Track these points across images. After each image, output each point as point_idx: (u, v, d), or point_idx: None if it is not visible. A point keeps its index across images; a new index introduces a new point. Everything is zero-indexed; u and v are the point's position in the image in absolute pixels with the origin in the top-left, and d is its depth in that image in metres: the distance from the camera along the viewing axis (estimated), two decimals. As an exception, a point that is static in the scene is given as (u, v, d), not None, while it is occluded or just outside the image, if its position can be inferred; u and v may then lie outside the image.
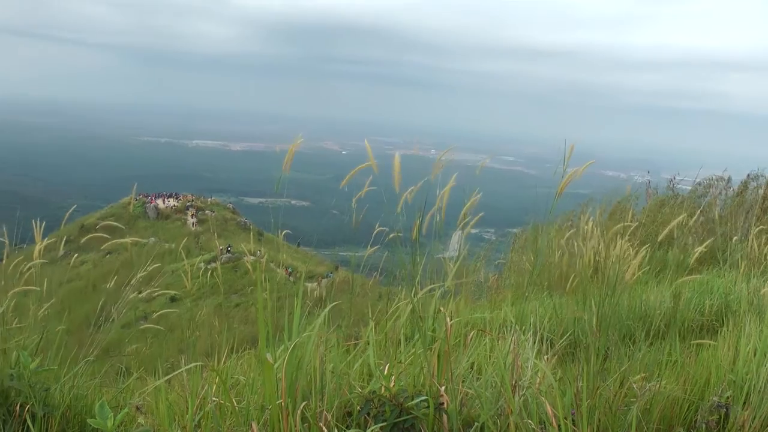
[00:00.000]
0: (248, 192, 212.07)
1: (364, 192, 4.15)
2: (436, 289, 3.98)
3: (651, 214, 11.93)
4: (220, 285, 7.03)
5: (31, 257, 4.75)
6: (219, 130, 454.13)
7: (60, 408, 3.83)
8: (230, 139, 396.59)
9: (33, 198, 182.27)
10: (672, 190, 13.63)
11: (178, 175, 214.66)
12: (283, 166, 3.72)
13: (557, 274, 9.25)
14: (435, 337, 3.65)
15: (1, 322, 4.25)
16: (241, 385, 4.00)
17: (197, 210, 69.22)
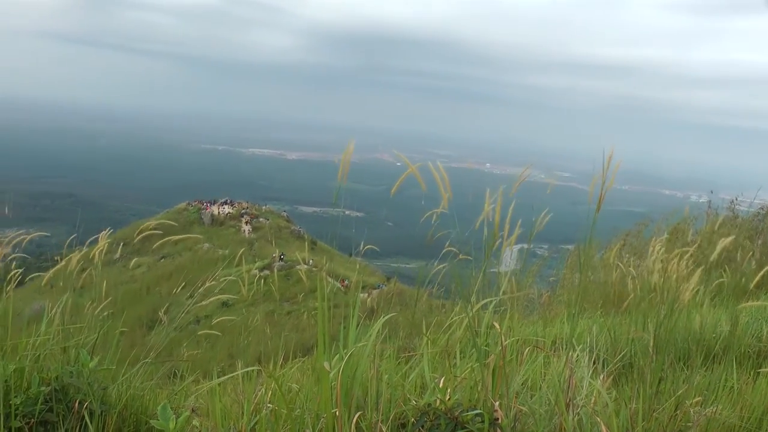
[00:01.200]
0: (303, 201, 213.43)
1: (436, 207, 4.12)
2: (491, 304, 3.94)
3: (708, 236, 11.72)
4: (275, 292, 7.06)
5: (89, 258, 4.81)
6: (276, 139, 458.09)
7: (117, 407, 3.86)
8: (286, 147, 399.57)
9: (91, 201, 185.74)
10: (732, 211, 13.32)
11: (234, 182, 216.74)
12: (339, 175, 3.70)
13: (611, 293, 9.14)
14: (490, 352, 3.62)
15: (61, 321, 4.31)
16: (293, 393, 3.99)
17: (252, 217, 69.63)
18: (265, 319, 28.57)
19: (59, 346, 4.11)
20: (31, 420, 3.64)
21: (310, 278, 8.76)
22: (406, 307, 5.93)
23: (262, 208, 77.32)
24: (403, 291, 10.95)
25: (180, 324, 5.50)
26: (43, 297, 5.50)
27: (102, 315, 4.77)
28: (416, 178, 3.81)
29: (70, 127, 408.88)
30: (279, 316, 30.08)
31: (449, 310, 6.67)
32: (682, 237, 11.22)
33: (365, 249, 5.08)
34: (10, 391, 3.65)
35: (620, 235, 12.27)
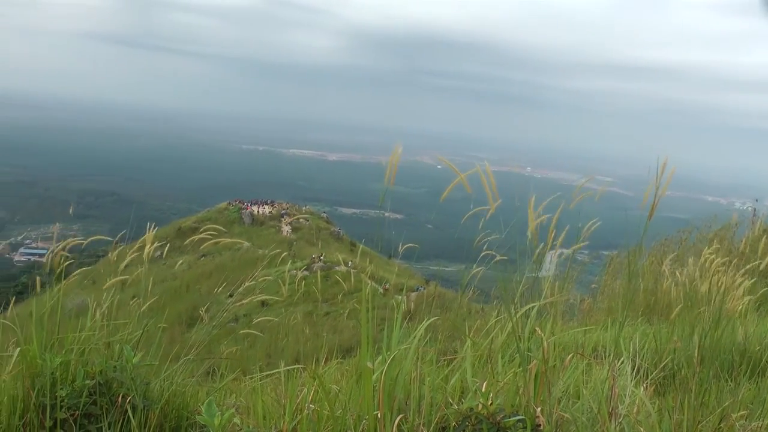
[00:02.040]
0: (343, 202, 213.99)
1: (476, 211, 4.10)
2: (533, 309, 3.92)
3: (753, 244, 11.53)
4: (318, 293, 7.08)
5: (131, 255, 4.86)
6: (316, 140, 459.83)
7: (159, 402, 3.91)
8: (327, 149, 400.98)
9: (133, 200, 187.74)
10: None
11: (275, 182, 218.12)
12: (386, 178, 3.69)
13: (653, 301, 9.04)
14: (532, 357, 3.59)
15: (106, 317, 4.36)
16: (333, 393, 4.00)
17: (292, 218, 69.88)
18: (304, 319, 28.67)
19: (104, 341, 4.17)
20: (75, 412, 3.70)
21: (349, 280, 8.77)
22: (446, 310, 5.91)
23: (303, 209, 77.63)
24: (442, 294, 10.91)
25: (219, 322, 5.54)
26: (85, 292, 5.57)
27: (145, 312, 4.82)
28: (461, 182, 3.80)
29: (113, 127, 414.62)
30: (317, 317, 30.18)
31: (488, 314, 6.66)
32: (727, 245, 11.07)
33: (405, 251, 5.07)
34: (56, 383, 3.71)
35: (662, 242, 12.13)
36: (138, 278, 4.78)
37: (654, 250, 11.25)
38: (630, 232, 4.29)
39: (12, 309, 5.21)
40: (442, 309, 5.48)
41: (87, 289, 5.99)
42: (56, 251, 4.60)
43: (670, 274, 8.92)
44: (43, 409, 3.67)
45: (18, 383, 3.78)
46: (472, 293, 5.74)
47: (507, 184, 3.56)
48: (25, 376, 3.77)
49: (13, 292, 54.56)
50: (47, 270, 4.61)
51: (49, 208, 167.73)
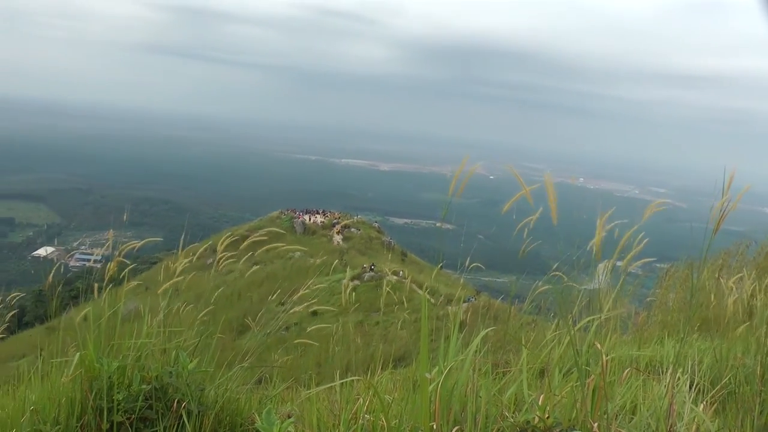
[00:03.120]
0: (394, 212, 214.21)
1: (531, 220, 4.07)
2: (592, 323, 3.87)
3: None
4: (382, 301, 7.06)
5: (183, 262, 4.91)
6: (368, 150, 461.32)
7: (214, 408, 3.94)
8: (379, 158, 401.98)
9: (187, 207, 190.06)
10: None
11: (327, 192, 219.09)
12: (450, 190, 3.67)
13: (710, 316, 8.88)
14: (590, 372, 3.55)
15: (163, 323, 4.41)
16: (387, 404, 3.98)
17: (343, 227, 69.98)
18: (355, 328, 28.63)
19: (159, 347, 4.22)
20: (131, 416, 3.76)
21: (399, 289, 8.76)
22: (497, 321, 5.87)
23: (354, 218, 77.61)
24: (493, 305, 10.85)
25: (270, 331, 5.56)
26: (138, 298, 5.65)
27: (198, 319, 4.86)
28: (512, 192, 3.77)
29: (168, 137, 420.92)
30: (368, 326, 30.16)
31: (541, 326, 6.59)
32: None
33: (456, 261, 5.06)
34: (113, 387, 3.77)
35: (720, 255, 11.92)
36: (191, 285, 4.82)
37: (711, 264, 11.07)
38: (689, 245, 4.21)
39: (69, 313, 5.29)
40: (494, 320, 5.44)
41: (140, 295, 6.07)
42: (114, 258, 4.67)
43: (728, 288, 8.76)
44: (101, 412, 3.74)
45: (76, 386, 3.85)
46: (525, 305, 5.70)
47: (559, 195, 3.52)
48: (84, 379, 3.83)
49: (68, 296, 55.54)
50: (102, 276, 4.68)
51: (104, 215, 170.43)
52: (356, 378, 3.98)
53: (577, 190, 7.65)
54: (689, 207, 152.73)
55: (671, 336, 7.27)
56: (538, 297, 5.15)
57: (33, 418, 3.84)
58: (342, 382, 3.88)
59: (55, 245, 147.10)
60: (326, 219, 73.30)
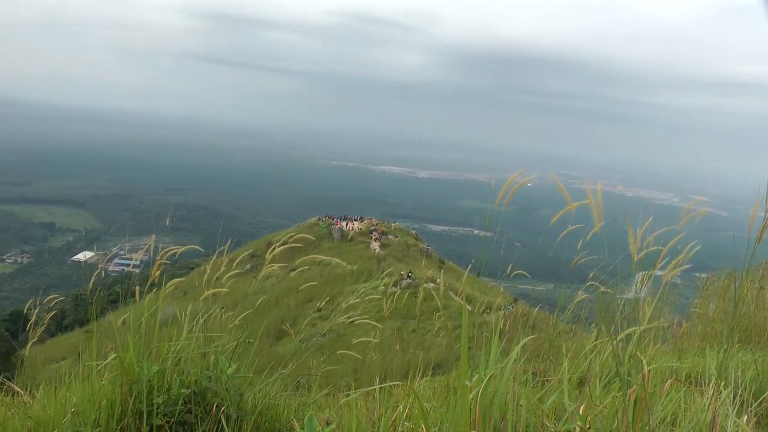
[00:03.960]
0: (432, 219, 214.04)
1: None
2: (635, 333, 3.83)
3: None
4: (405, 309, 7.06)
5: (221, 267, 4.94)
6: (406, 157, 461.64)
7: (253, 414, 3.96)
8: (417, 165, 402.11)
9: (225, 213, 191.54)
10: None
11: (364, 198, 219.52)
12: (498, 198, 3.65)
13: (752, 327, 8.75)
14: (632, 382, 3.51)
15: (199, 327, 4.44)
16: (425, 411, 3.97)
17: (381, 234, 69.87)
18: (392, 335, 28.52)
19: (199, 352, 4.25)
20: (171, 419, 3.80)
21: (437, 297, 8.74)
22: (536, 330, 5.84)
23: (392, 225, 77.49)
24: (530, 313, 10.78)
25: (307, 336, 5.59)
26: (176, 303, 5.70)
27: (236, 324, 4.89)
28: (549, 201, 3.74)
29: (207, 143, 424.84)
30: (404, 333, 30.15)
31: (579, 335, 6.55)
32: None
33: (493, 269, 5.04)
34: (152, 390, 3.81)
35: (761, 265, 11.75)
36: (228, 290, 4.85)
37: (752, 274, 10.92)
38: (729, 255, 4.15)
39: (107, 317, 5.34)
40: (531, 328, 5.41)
41: (178, 299, 6.13)
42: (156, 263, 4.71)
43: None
44: (140, 415, 3.78)
45: (116, 389, 3.89)
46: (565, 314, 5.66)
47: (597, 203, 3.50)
48: (123, 382, 3.87)
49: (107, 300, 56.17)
50: (141, 280, 4.73)
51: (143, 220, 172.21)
52: (395, 383, 3.98)
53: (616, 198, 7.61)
54: (730, 216, 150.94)
55: (712, 347, 7.18)
56: (577, 306, 5.12)
57: (74, 419, 3.88)
58: (380, 388, 3.88)
59: (95, 250, 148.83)
60: (364, 226, 73.21)
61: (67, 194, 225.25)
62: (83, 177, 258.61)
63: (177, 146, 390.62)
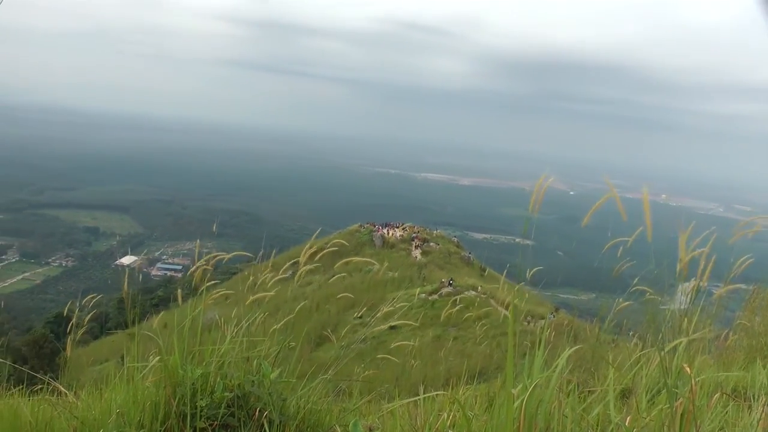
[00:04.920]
0: (473, 227, 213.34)
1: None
2: (681, 344, 3.79)
3: None
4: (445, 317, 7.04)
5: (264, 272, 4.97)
6: (448, 164, 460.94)
7: (295, 419, 3.98)
8: (459, 173, 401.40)
9: (266, 219, 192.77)
10: None
11: (406, 206, 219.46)
12: (531, 206, 3.64)
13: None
14: (679, 395, 3.47)
15: (245, 333, 4.48)
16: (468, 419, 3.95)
17: (422, 241, 69.62)
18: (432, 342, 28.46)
19: (242, 356, 4.28)
20: (214, 422, 3.84)
21: (478, 305, 8.71)
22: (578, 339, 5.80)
23: (433, 233, 77.23)
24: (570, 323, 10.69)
25: (348, 343, 5.59)
26: (217, 307, 5.75)
27: (278, 329, 4.92)
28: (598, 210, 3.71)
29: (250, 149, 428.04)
30: (445, 340, 30.10)
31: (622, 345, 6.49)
32: None
33: (535, 278, 5.01)
34: (196, 393, 3.85)
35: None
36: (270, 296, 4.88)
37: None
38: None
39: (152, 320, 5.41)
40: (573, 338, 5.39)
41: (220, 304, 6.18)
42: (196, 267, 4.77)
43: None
44: (183, 417, 3.82)
45: (160, 391, 3.94)
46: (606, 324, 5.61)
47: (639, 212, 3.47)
48: (167, 384, 3.92)
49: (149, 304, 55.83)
50: (184, 284, 4.78)
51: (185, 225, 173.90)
52: (440, 393, 3.97)
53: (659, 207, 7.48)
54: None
55: (759, 361, 7.08)
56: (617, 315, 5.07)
57: (119, 420, 3.94)
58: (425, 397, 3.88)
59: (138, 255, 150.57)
60: (405, 233, 73.05)
61: (111, 199, 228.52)
62: (127, 183, 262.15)
63: (220, 152, 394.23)
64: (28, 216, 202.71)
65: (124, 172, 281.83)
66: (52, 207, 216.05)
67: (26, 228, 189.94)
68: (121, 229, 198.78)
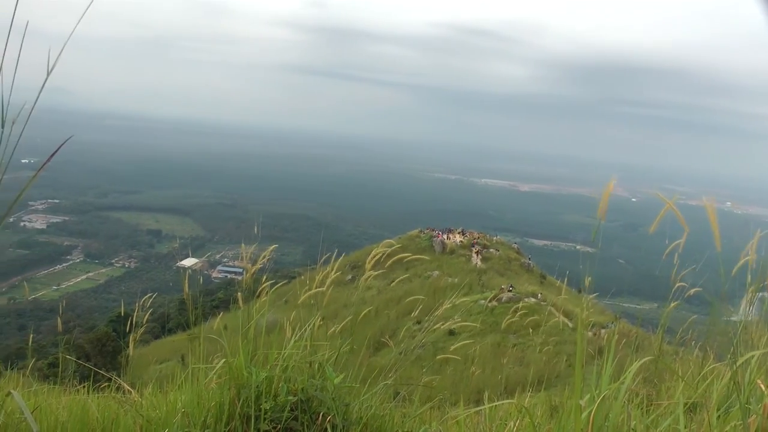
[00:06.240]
0: (533, 233, 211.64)
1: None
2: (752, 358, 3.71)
3: None
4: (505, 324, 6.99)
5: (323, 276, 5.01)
6: (508, 170, 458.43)
7: (359, 424, 4.02)
8: (519, 179, 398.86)
9: (326, 224, 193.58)
10: None
11: (466, 211, 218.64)
12: (599, 212, 3.62)
13: None
14: (751, 411, 3.41)
15: (309, 337, 4.53)
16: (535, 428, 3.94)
17: (482, 248, 69.29)
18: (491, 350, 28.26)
19: (306, 360, 4.32)
20: (277, 426, 3.89)
21: (537, 312, 8.66)
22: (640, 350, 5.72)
23: (493, 239, 76.85)
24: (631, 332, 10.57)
25: (408, 349, 5.61)
26: (277, 311, 5.82)
27: (338, 333, 4.96)
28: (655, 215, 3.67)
29: (310, 154, 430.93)
30: (504, 347, 29.92)
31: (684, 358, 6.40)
32: None
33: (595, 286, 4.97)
34: (260, 396, 3.91)
35: None
36: (330, 300, 4.92)
37: None
38: None
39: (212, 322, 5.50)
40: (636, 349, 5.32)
41: (280, 308, 6.24)
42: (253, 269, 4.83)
43: None
44: (247, 420, 3.88)
45: (224, 392, 4.02)
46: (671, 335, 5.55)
47: (703, 219, 3.43)
48: (231, 386, 3.99)
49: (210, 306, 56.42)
50: (244, 287, 4.85)
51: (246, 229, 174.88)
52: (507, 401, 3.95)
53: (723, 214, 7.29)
54: None
55: None
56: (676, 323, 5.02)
57: (183, 420, 4.02)
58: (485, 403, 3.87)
59: (199, 257, 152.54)
60: (465, 239, 72.75)
61: (174, 203, 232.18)
62: (190, 186, 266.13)
63: (282, 157, 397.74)
64: (92, 218, 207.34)
65: (187, 176, 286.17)
66: (117, 209, 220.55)
67: (91, 229, 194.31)
68: (183, 231, 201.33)
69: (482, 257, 66.54)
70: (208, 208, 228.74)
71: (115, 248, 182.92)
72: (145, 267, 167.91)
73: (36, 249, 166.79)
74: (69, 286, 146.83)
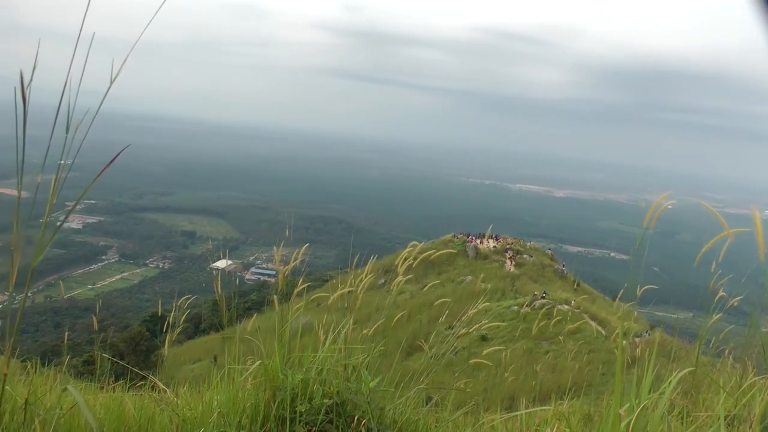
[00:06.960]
0: (568, 240, 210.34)
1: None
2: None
3: None
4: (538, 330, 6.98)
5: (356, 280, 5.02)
6: (543, 176, 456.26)
7: (393, 428, 4.03)
8: (554, 185, 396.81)
9: (360, 227, 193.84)
10: None
11: (500, 217, 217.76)
12: (646, 221, 3.59)
13: None
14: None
15: (344, 340, 4.55)
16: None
17: (516, 253, 68.92)
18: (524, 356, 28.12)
19: (341, 363, 4.34)
20: (312, 428, 3.92)
21: (571, 319, 8.60)
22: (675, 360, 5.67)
23: (527, 245, 76.40)
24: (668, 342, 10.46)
25: (440, 353, 5.60)
26: (310, 314, 5.85)
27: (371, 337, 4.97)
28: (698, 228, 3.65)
29: (345, 158, 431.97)
30: (537, 354, 29.76)
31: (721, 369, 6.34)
32: None
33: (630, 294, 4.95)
34: (296, 398, 3.94)
35: None
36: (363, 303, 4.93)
37: None
38: None
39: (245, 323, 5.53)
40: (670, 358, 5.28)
41: (312, 310, 6.26)
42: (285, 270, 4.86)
43: None
44: (282, 421, 3.91)
45: (260, 394, 4.05)
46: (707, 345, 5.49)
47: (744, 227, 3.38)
48: (267, 388, 4.02)
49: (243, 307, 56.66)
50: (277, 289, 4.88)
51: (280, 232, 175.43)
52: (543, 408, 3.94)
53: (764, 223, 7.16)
54: None
55: None
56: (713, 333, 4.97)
57: (219, 420, 4.06)
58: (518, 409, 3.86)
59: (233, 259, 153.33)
60: (499, 244, 72.44)
61: (209, 204, 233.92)
62: (224, 188, 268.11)
63: (316, 161, 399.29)
64: (128, 219, 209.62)
65: (221, 178, 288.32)
66: (152, 211, 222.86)
67: (126, 230, 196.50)
68: (217, 233, 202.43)
69: (515, 263, 66.22)
70: (242, 210, 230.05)
71: (150, 249, 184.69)
72: (179, 268, 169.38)
73: (72, 249, 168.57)
74: (104, 286, 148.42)
